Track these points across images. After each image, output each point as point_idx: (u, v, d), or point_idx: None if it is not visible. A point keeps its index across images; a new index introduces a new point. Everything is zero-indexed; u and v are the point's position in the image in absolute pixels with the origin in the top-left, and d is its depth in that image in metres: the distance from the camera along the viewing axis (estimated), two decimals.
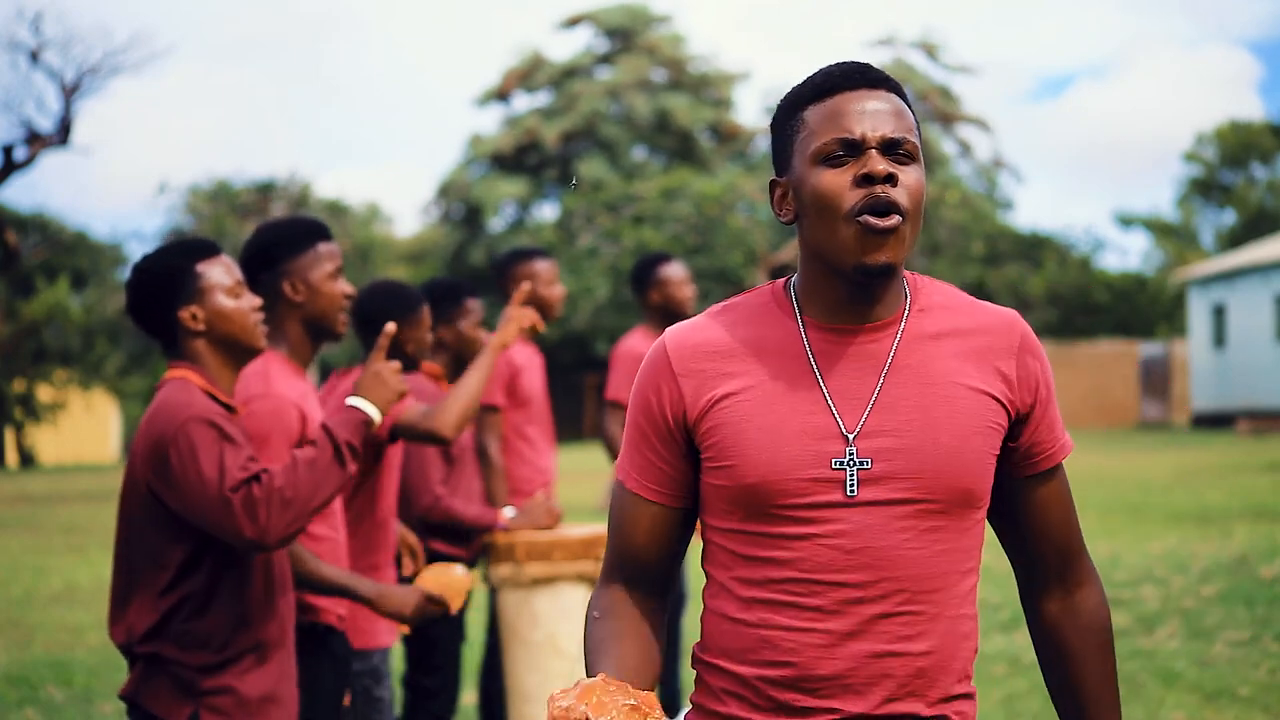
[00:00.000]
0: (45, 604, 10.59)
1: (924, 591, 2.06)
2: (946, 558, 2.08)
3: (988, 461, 2.10)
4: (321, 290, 3.80)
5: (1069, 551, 2.22)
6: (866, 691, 2.05)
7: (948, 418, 2.07)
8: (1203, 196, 46.86)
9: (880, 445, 2.05)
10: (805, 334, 2.11)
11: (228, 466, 3.10)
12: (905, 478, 2.05)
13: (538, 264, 5.87)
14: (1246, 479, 16.26)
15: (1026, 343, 2.15)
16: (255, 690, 3.19)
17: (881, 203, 2.03)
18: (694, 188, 30.05)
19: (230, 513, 3.07)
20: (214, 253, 3.33)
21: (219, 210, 34.78)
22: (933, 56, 39.30)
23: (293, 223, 3.90)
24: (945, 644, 2.08)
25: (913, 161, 2.08)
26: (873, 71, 2.11)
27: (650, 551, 2.18)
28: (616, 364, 6.43)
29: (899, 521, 2.05)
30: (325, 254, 3.82)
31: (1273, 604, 8.34)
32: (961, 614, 2.10)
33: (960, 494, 2.07)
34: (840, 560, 2.04)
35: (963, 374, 2.10)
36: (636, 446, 2.17)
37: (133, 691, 3.17)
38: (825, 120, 2.08)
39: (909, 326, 2.11)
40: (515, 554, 5.00)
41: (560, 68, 39.31)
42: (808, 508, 2.05)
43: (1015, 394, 2.12)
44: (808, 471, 2.05)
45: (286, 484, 3.12)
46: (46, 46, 24.22)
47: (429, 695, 4.95)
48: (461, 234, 38.90)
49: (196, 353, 3.29)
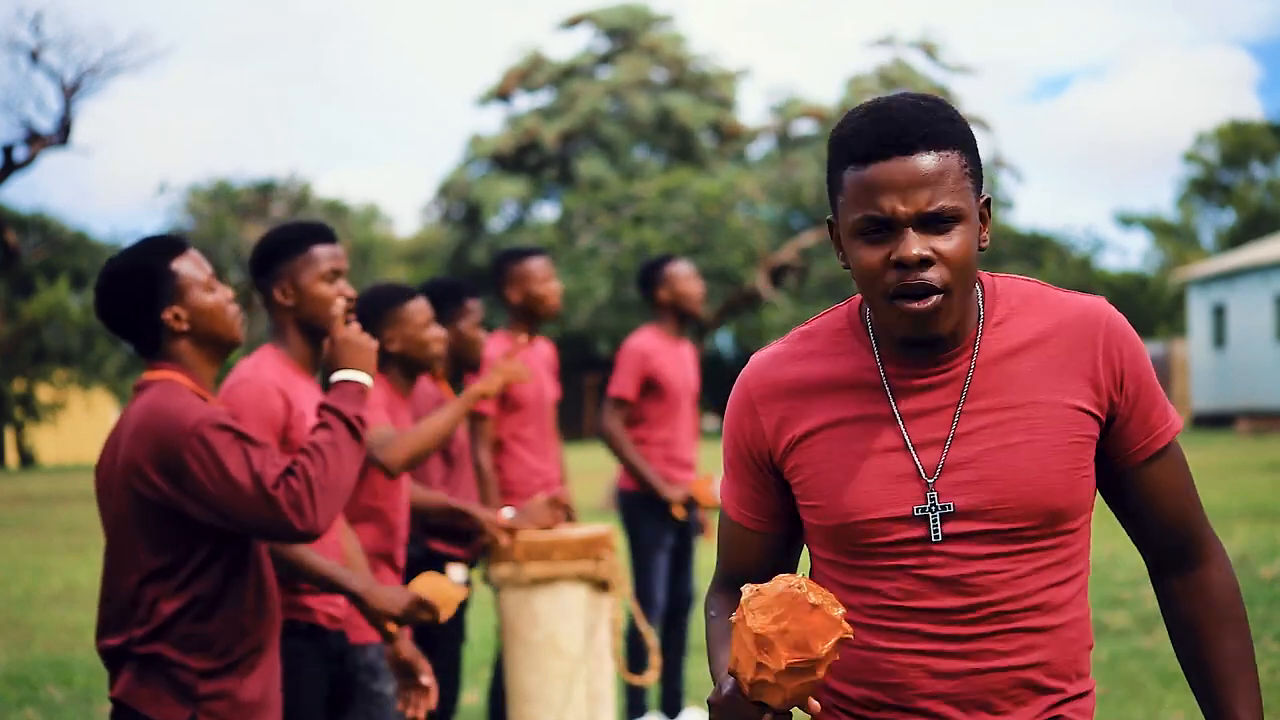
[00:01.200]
0: (45, 604, 10.59)
1: (1022, 610, 2.06)
2: (1043, 575, 2.07)
3: (1075, 477, 2.07)
4: (310, 293, 3.78)
5: (1189, 530, 2.17)
6: (970, 706, 2.06)
7: (1027, 442, 2.05)
8: (1203, 196, 46.84)
9: (959, 481, 2.05)
10: (882, 367, 2.10)
11: (260, 467, 3.07)
12: (988, 510, 2.05)
13: (532, 262, 5.88)
14: (1246, 479, 16.25)
15: (1111, 335, 2.09)
16: (250, 694, 3.18)
17: (914, 289, 2.00)
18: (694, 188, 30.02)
19: (277, 510, 3.05)
20: (183, 248, 3.28)
21: (219, 210, 34.76)
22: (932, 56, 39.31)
23: (291, 227, 3.90)
24: (1054, 653, 2.09)
25: (957, 223, 2.02)
26: (911, 132, 2.01)
27: (757, 570, 2.22)
28: (622, 361, 6.48)
29: (986, 548, 2.05)
30: (320, 256, 3.80)
31: (1273, 604, 8.34)
32: (1068, 620, 2.10)
33: (1046, 516, 2.06)
34: (932, 590, 2.06)
35: (1044, 389, 2.07)
36: (736, 474, 2.20)
37: (126, 693, 3.12)
38: (860, 193, 2.03)
39: (984, 345, 2.09)
40: (515, 554, 5.00)
41: (560, 67, 39.29)
42: (893, 545, 2.07)
43: (1103, 397, 2.08)
44: (888, 512, 2.06)
45: (319, 471, 3.10)
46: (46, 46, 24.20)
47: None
48: (462, 234, 38.89)
49: (179, 353, 3.24)
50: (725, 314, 26.82)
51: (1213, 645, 2.17)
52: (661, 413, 6.47)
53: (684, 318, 6.60)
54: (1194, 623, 2.18)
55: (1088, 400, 2.07)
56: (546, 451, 5.88)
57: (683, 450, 6.53)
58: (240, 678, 3.16)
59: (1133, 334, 2.13)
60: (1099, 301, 2.12)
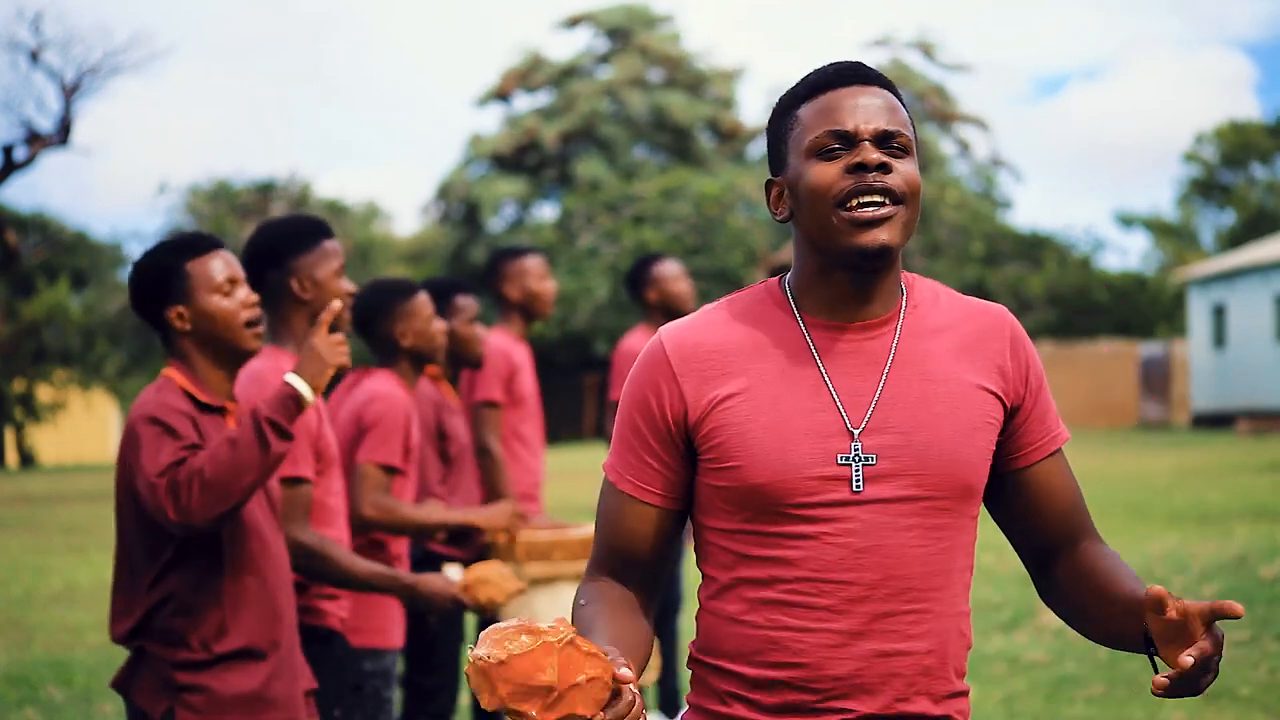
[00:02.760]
0: (45, 604, 10.59)
1: (928, 589, 2.06)
2: (949, 555, 2.08)
3: (985, 457, 2.11)
4: (328, 288, 3.81)
5: (1079, 530, 2.19)
6: (876, 691, 2.05)
7: (949, 413, 2.08)
8: (1203, 196, 46.84)
9: (885, 442, 2.05)
10: (806, 331, 2.11)
11: (160, 455, 3.11)
12: (910, 474, 2.05)
13: (527, 260, 5.90)
14: (1246, 479, 16.25)
15: (1016, 335, 2.17)
16: (234, 690, 3.19)
17: (872, 189, 2.04)
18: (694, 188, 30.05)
19: (155, 496, 3.07)
20: (208, 249, 3.30)
21: (219, 210, 34.77)
22: (930, 56, 39.30)
23: (298, 220, 3.92)
24: (947, 641, 2.09)
25: (906, 155, 2.09)
26: (865, 69, 2.14)
27: (640, 550, 2.16)
28: (618, 365, 6.47)
29: (905, 519, 2.05)
30: (331, 251, 3.84)
31: (1273, 604, 8.34)
32: (959, 611, 2.11)
33: (962, 489, 2.08)
34: (849, 559, 2.04)
35: (960, 369, 2.11)
36: (630, 446, 2.14)
37: (122, 682, 3.24)
38: (818, 115, 2.09)
39: (906, 323, 2.12)
40: (515, 554, 5.00)
41: (560, 68, 39.30)
42: (816, 506, 2.04)
43: (1010, 386, 2.13)
44: (815, 470, 2.04)
45: (207, 465, 3.08)
46: (46, 46, 24.22)
47: (428, 695, 4.95)
48: (461, 234, 38.90)
49: (185, 351, 3.29)
50: None
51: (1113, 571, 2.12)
52: None
53: (674, 317, 6.59)
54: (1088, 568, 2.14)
55: (996, 386, 2.12)
56: (538, 452, 5.90)
57: None
58: (224, 674, 3.18)
59: (1030, 341, 2.20)
60: (1002, 307, 2.20)
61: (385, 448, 4.23)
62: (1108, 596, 2.10)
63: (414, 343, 4.58)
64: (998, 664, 7.13)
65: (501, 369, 5.70)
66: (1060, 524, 2.19)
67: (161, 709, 3.16)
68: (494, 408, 5.64)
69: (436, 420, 4.98)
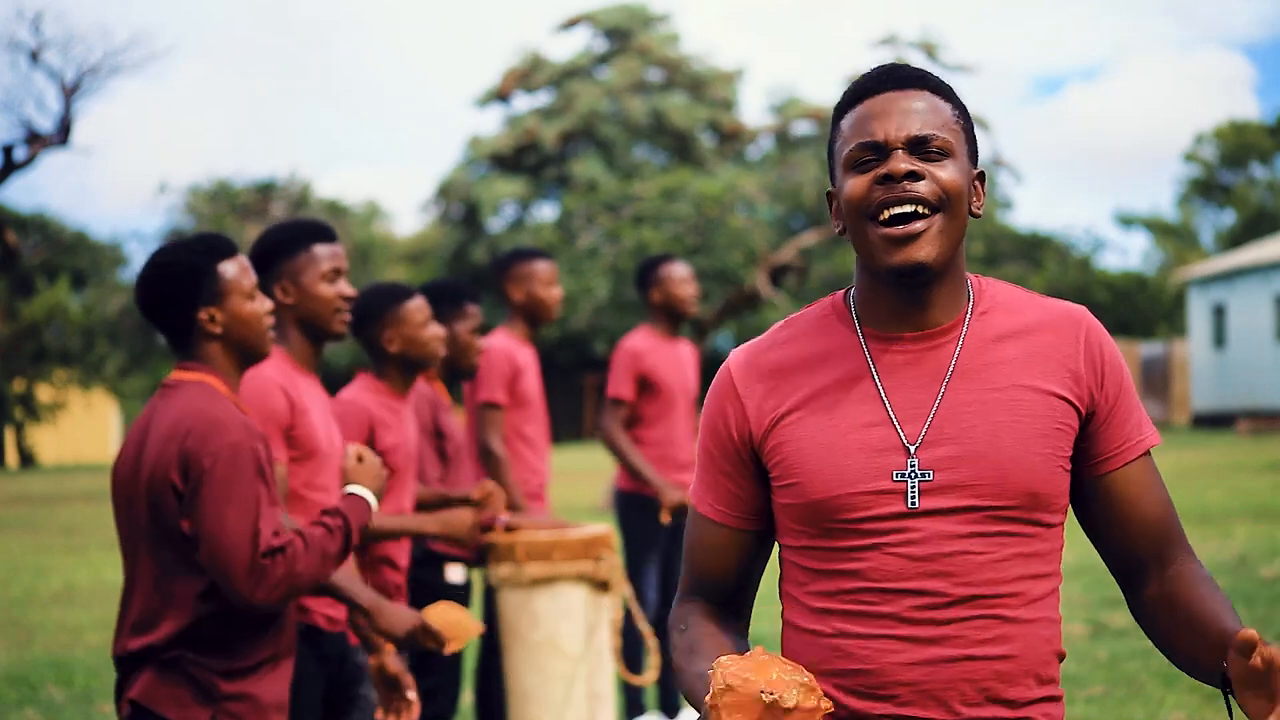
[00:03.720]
0: (45, 604, 10.59)
1: (999, 596, 2.03)
2: (1020, 562, 2.05)
3: (1056, 463, 2.06)
4: (311, 292, 3.79)
5: (1171, 535, 2.13)
6: (944, 696, 2.03)
7: (1011, 422, 2.04)
8: (1202, 196, 46.84)
9: (942, 454, 2.03)
10: (865, 344, 2.09)
11: (263, 529, 3.07)
12: (968, 485, 2.02)
13: (537, 265, 5.90)
14: (1246, 479, 16.26)
15: (1093, 336, 2.10)
16: (271, 696, 3.19)
17: (900, 200, 2.01)
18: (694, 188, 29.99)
19: (255, 575, 3.05)
20: (233, 252, 3.29)
21: (219, 210, 34.76)
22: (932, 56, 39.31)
23: (291, 226, 3.90)
24: (1025, 648, 2.05)
25: (947, 157, 2.04)
26: (903, 70, 2.09)
27: (726, 574, 2.18)
28: (617, 362, 6.49)
29: (966, 528, 2.02)
30: (321, 255, 3.81)
31: (1273, 604, 8.34)
32: (1041, 618, 2.07)
33: (1027, 498, 2.04)
34: (910, 568, 2.02)
35: (1027, 375, 2.06)
36: (707, 470, 2.16)
37: (145, 694, 3.11)
38: (853, 126, 2.07)
39: (971, 330, 2.08)
40: (515, 554, 5.00)
41: (560, 68, 39.29)
42: (872, 520, 2.04)
43: (1084, 391, 2.08)
44: (869, 485, 2.03)
45: (304, 564, 3.12)
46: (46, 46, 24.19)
47: (429, 696, 4.94)
48: (461, 234, 38.89)
49: (210, 355, 3.24)
50: (725, 314, 26.80)
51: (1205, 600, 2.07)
52: (656, 412, 6.48)
53: (678, 318, 6.62)
54: (1181, 599, 2.08)
55: (1068, 390, 2.07)
56: (543, 453, 5.90)
57: (678, 450, 6.53)
58: (261, 680, 3.17)
59: (1113, 342, 2.13)
60: (1082, 308, 2.14)
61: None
62: (1197, 628, 2.04)
63: (401, 349, 4.52)
64: None
65: (504, 370, 5.70)
66: (1147, 535, 2.13)
67: (203, 719, 3.11)
68: (496, 409, 5.65)
69: (433, 419, 4.97)
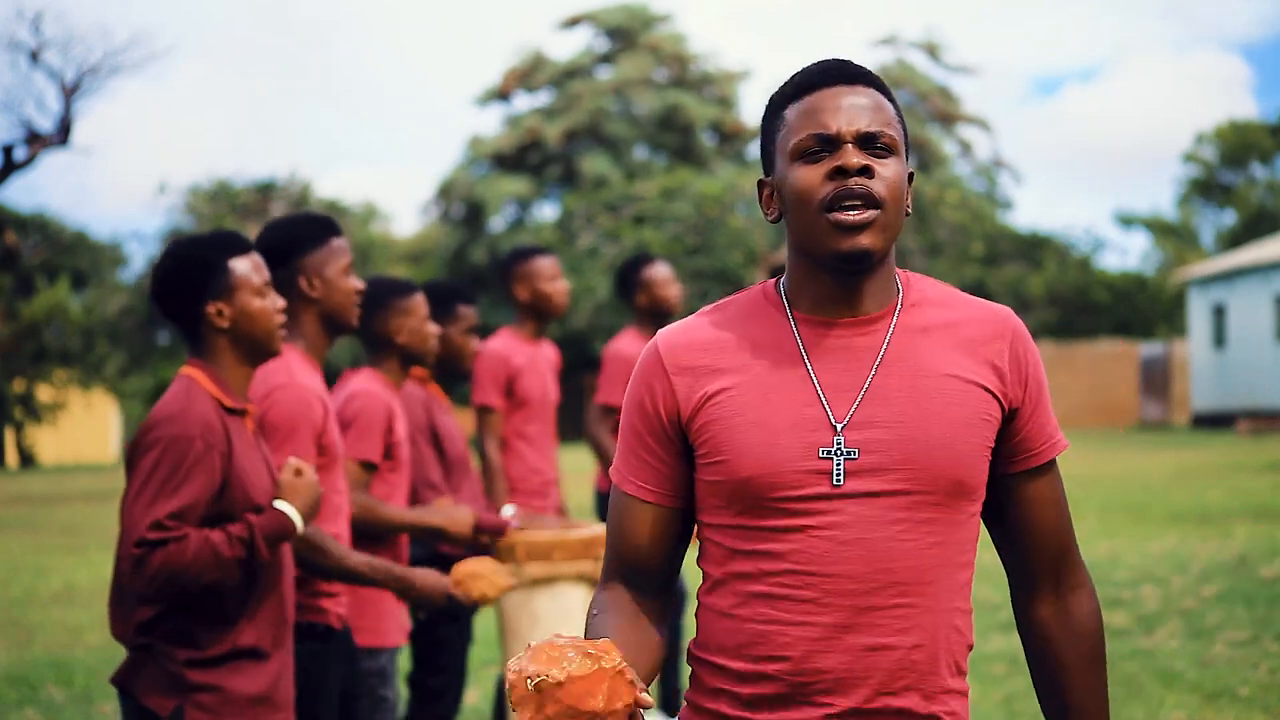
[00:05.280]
0: (45, 604, 10.59)
1: (917, 584, 2.05)
2: (940, 550, 2.07)
3: (980, 453, 2.09)
4: (337, 285, 3.82)
5: (1061, 554, 2.20)
6: (860, 684, 2.04)
7: (940, 409, 2.07)
8: (1203, 196, 46.85)
9: (869, 436, 2.05)
10: (796, 328, 2.12)
11: (154, 506, 3.08)
12: (896, 469, 2.05)
13: (539, 261, 5.90)
14: (1246, 479, 16.26)
15: (1019, 335, 2.15)
16: (246, 690, 3.19)
17: (854, 194, 2.04)
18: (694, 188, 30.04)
19: (129, 562, 3.07)
20: (247, 249, 3.30)
21: (219, 210, 34.78)
22: (934, 56, 39.31)
23: (306, 218, 3.91)
24: (937, 637, 2.07)
25: (891, 155, 2.09)
26: (851, 67, 2.13)
27: (649, 552, 2.18)
28: (606, 366, 6.46)
29: (892, 513, 2.04)
30: (339, 249, 3.85)
31: (1273, 604, 8.34)
32: (954, 608, 2.10)
33: (952, 484, 2.07)
34: (834, 552, 2.04)
35: (954, 365, 2.10)
36: (631, 448, 2.17)
37: (124, 678, 3.18)
38: (802, 117, 2.10)
39: (900, 320, 2.12)
40: (515, 554, 5.00)
41: (561, 67, 39.30)
42: (800, 499, 2.05)
43: (1007, 386, 2.12)
44: (799, 463, 2.05)
45: (186, 565, 3.08)
46: (46, 46, 24.22)
47: (434, 695, 4.95)
48: (462, 233, 38.91)
49: (215, 350, 3.27)
50: None
51: (1074, 678, 2.20)
52: None
53: (662, 320, 6.57)
54: (1058, 651, 2.21)
55: (993, 385, 2.11)
56: (547, 451, 5.89)
57: None
58: (234, 673, 3.17)
59: (1034, 345, 2.18)
60: (1008, 309, 2.19)
61: (363, 444, 4.22)
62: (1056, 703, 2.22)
63: (408, 341, 4.55)
64: (998, 664, 7.13)
65: (498, 374, 5.70)
66: (1046, 546, 2.19)
67: (170, 707, 3.14)
68: (490, 412, 5.65)
69: (429, 420, 4.96)
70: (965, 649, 2.14)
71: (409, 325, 4.55)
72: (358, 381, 4.42)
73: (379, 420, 4.27)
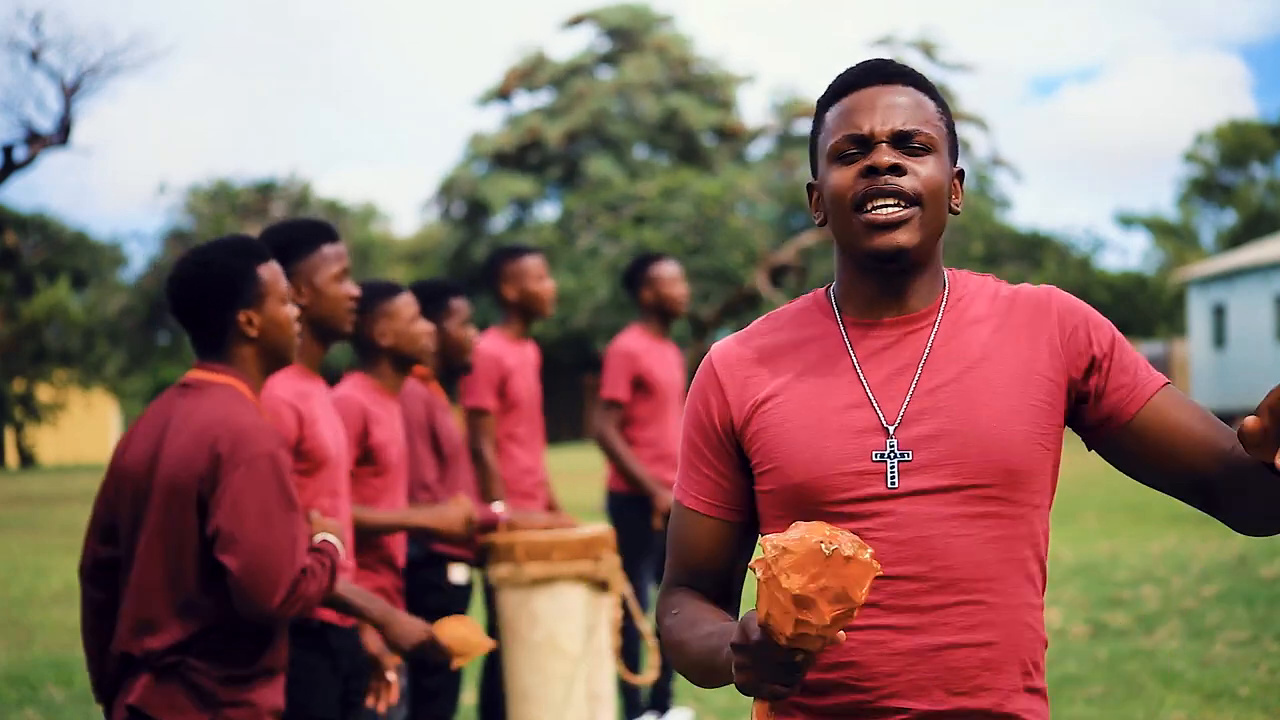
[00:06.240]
0: (45, 604, 10.59)
1: (980, 580, 2.03)
2: (1002, 545, 2.04)
3: (1033, 440, 2.05)
4: (326, 292, 3.81)
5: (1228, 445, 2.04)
6: (930, 687, 2.02)
7: (987, 399, 2.05)
8: (1203, 196, 46.83)
9: (919, 433, 2.04)
10: (844, 330, 2.12)
11: (299, 541, 3.09)
12: (946, 464, 2.03)
13: (526, 260, 5.90)
14: None
15: (1064, 308, 2.11)
16: (270, 703, 3.18)
17: (884, 192, 2.04)
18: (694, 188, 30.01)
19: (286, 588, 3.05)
20: (269, 256, 3.28)
21: (219, 210, 34.75)
22: (931, 56, 39.32)
23: (297, 225, 3.91)
24: (1009, 635, 2.04)
25: (929, 153, 2.08)
26: (890, 66, 2.13)
27: (710, 566, 2.18)
28: (612, 363, 6.48)
29: (947, 509, 2.02)
30: (330, 255, 3.83)
31: (1273, 604, 8.34)
32: (1024, 604, 2.06)
33: (1005, 475, 2.03)
34: (892, 553, 2.02)
35: (1002, 355, 2.08)
36: (690, 463, 2.18)
37: (143, 699, 3.11)
38: (839, 119, 2.11)
39: (947, 316, 2.11)
40: (515, 554, 5.00)
41: (562, 67, 39.29)
42: (853, 502, 2.04)
43: (1068, 359, 2.08)
44: (850, 466, 2.05)
45: (316, 589, 3.14)
46: (46, 46, 24.20)
47: (430, 696, 4.94)
48: (463, 233, 38.90)
49: (241, 358, 3.22)
50: (725, 314, 26.81)
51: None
52: (649, 412, 6.49)
53: (668, 318, 6.61)
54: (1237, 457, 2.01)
55: (1049, 364, 2.07)
56: (537, 452, 5.89)
57: (671, 448, 6.54)
58: (259, 688, 3.16)
59: (1086, 306, 2.13)
60: (1052, 287, 2.16)
61: None
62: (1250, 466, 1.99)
63: (394, 343, 4.53)
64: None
65: (492, 375, 5.70)
66: (1203, 450, 2.06)
67: None
68: (484, 415, 5.64)
69: (428, 420, 4.96)
70: (1041, 646, 2.10)
71: (393, 328, 4.53)
72: (340, 387, 4.43)
73: (353, 426, 4.26)
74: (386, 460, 4.34)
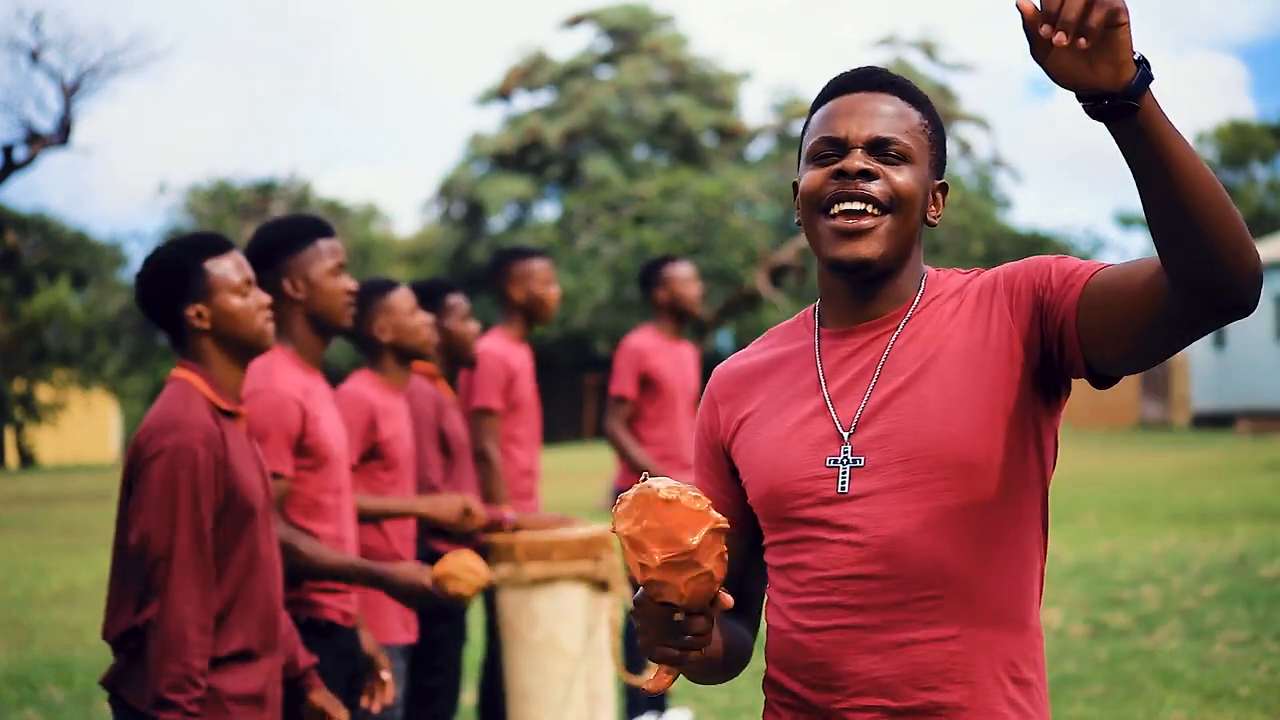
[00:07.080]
0: (45, 604, 10.59)
1: (942, 575, 2.02)
2: (965, 539, 2.03)
3: (983, 426, 2.02)
4: (322, 287, 3.82)
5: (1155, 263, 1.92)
6: (898, 684, 2.03)
7: (935, 392, 2.05)
8: None
9: (872, 436, 2.06)
10: (818, 342, 2.16)
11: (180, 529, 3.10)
12: (899, 462, 2.04)
13: (534, 263, 5.91)
14: (1246, 479, 16.25)
15: (1006, 272, 2.08)
16: (235, 690, 3.18)
17: (851, 196, 2.05)
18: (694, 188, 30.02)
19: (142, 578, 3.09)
20: (224, 249, 3.31)
21: (219, 210, 34.76)
22: (931, 56, 39.31)
23: (293, 221, 3.92)
24: (977, 628, 2.03)
25: (904, 162, 2.08)
26: (877, 74, 2.14)
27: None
28: (621, 360, 6.58)
29: (901, 507, 2.03)
30: (325, 250, 3.85)
31: (1273, 604, 8.34)
32: (998, 594, 2.05)
33: (959, 469, 2.02)
34: (851, 554, 2.04)
35: (955, 345, 2.07)
36: (700, 473, 2.26)
37: (112, 680, 3.20)
38: (820, 122, 2.13)
39: (915, 317, 2.11)
40: (515, 554, 5.00)
41: (562, 67, 39.29)
42: (810, 508, 2.07)
43: (1017, 318, 2.04)
44: (807, 473, 2.08)
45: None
46: (46, 46, 24.21)
47: (430, 696, 4.95)
48: (462, 233, 38.90)
49: (202, 351, 3.27)
50: (725, 314, 26.84)
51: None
52: (657, 411, 6.52)
53: (682, 318, 6.71)
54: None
55: (1001, 334, 2.04)
56: (534, 453, 5.91)
57: (682, 448, 6.57)
58: (224, 674, 3.17)
59: (1031, 259, 2.07)
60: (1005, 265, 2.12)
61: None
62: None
63: (394, 337, 4.56)
64: None
65: (499, 375, 5.70)
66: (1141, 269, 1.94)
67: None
68: (491, 415, 5.64)
69: (436, 418, 4.97)
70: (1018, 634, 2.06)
71: (392, 322, 4.56)
72: (346, 384, 4.45)
73: (358, 423, 4.28)
74: (394, 455, 4.36)
